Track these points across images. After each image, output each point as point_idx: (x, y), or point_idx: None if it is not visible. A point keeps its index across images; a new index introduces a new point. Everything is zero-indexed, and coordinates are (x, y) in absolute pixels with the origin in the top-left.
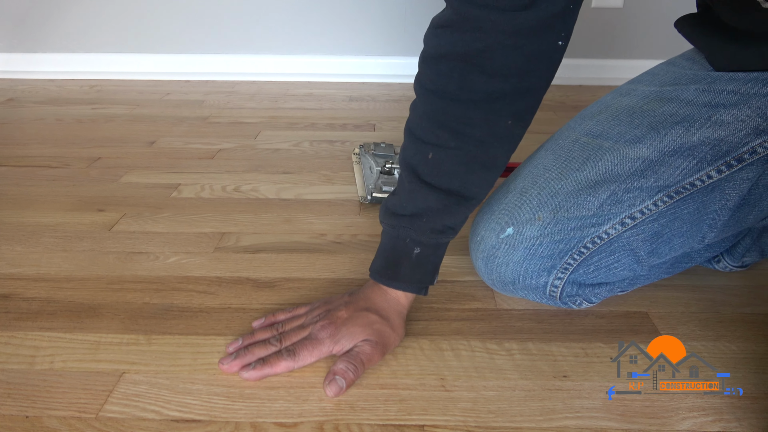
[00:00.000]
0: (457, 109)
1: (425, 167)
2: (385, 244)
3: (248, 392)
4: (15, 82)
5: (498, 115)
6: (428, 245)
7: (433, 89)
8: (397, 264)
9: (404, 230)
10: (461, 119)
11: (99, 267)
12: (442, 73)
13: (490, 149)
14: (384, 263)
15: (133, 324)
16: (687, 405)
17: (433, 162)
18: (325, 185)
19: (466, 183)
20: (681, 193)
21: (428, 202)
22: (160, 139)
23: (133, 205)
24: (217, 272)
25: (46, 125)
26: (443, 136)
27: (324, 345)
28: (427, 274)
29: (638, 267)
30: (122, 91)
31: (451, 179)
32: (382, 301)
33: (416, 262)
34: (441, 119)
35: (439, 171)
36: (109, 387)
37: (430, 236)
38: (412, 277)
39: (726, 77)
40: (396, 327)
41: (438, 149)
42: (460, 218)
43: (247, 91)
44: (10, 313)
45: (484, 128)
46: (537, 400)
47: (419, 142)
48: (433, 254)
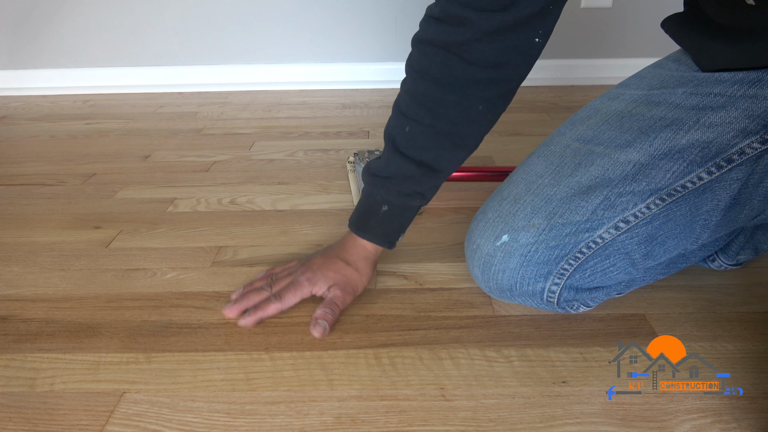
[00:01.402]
0: (435, 90)
1: (402, 138)
2: (362, 200)
3: (249, 408)
4: (8, 99)
5: (471, 100)
6: (396, 205)
7: (419, 70)
8: (367, 217)
9: (377, 189)
10: (438, 100)
11: (97, 285)
12: (427, 56)
13: (460, 129)
14: (357, 215)
15: (132, 342)
16: (686, 407)
17: (409, 135)
18: (321, 195)
19: (436, 157)
20: (673, 195)
21: (400, 169)
22: (154, 152)
23: (129, 221)
24: (215, 287)
25: (40, 142)
26: (420, 113)
27: (303, 287)
28: (391, 231)
29: (634, 270)
30: (115, 105)
31: (423, 152)
32: (351, 248)
33: (383, 218)
34: (420, 98)
35: (413, 143)
36: (110, 407)
37: (397, 197)
38: (377, 230)
39: (712, 79)
40: (362, 271)
41: (415, 124)
42: (428, 186)
43: (240, 101)
44: (9, 335)
45: (457, 110)
46: (537, 407)
47: (401, 116)
48: (400, 214)
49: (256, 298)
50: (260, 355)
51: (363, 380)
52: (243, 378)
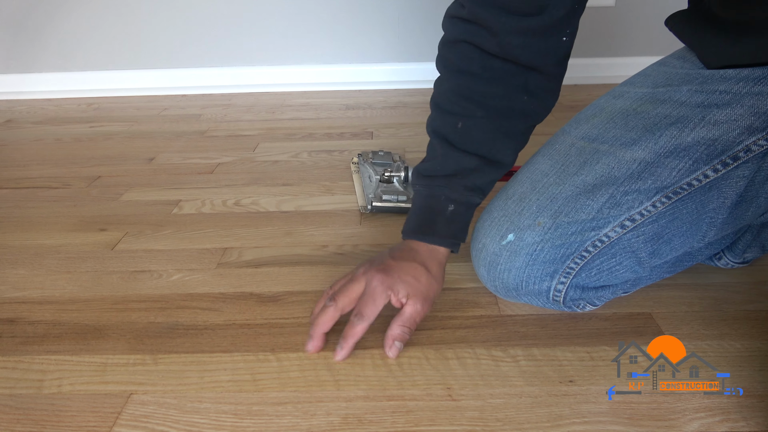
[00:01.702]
0: (480, 85)
1: (455, 135)
2: (419, 204)
3: (256, 409)
4: (12, 103)
5: (515, 91)
6: (461, 203)
7: (458, 68)
8: (432, 220)
9: (440, 189)
10: (485, 94)
11: (103, 287)
12: (464, 55)
13: (510, 120)
14: (419, 221)
15: (139, 344)
16: (694, 406)
17: (463, 130)
18: (325, 196)
19: (492, 149)
20: (679, 193)
21: (462, 164)
22: (159, 155)
23: (134, 223)
24: (220, 288)
25: (45, 145)
26: (470, 108)
27: (381, 294)
28: (460, 231)
29: (640, 268)
30: (120, 108)
31: (480, 145)
32: (425, 252)
33: (450, 218)
34: (466, 93)
35: (469, 138)
36: (117, 409)
37: (463, 194)
38: (447, 231)
39: (717, 76)
40: (438, 279)
41: (466, 119)
42: (489, 180)
43: (244, 103)
44: (17, 338)
45: (504, 102)
46: (544, 406)
47: (447, 114)
48: (465, 213)
49: (325, 320)
50: (266, 356)
51: (369, 380)
52: (249, 379)
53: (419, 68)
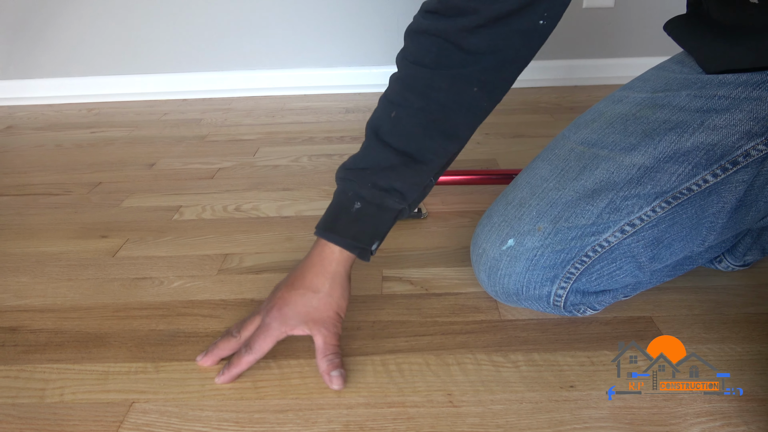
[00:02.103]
0: (427, 74)
1: (386, 125)
2: (332, 200)
3: (257, 416)
4: (13, 109)
5: (465, 81)
6: (370, 203)
7: (411, 59)
8: (336, 216)
9: (349, 183)
10: (429, 83)
11: (104, 295)
12: (421, 46)
13: (452, 115)
14: (326, 216)
15: (140, 352)
16: (694, 410)
17: (395, 121)
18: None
19: (421, 147)
20: (678, 198)
21: (378, 159)
22: (159, 160)
23: (135, 229)
24: (221, 295)
25: (46, 151)
26: (410, 98)
27: (273, 330)
28: (364, 234)
29: (640, 273)
30: (120, 113)
31: (408, 140)
32: (316, 269)
33: (355, 217)
34: (410, 82)
35: (398, 130)
36: (119, 417)
37: (372, 192)
38: (347, 231)
39: (716, 81)
40: (334, 294)
41: (402, 108)
42: (409, 182)
43: (243, 107)
44: (19, 346)
45: (450, 94)
46: (545, 411)
47: (387, 104)
48: (375, 215)
49: (224, 346)
50: (267, 363)
51: (370, 387)
52: (251, 386)
53: None
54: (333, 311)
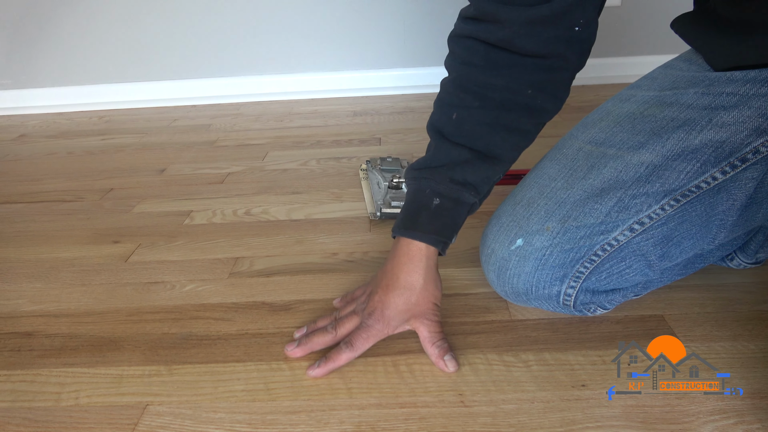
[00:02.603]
0: (481, 75)
1: (450, 127)
2: (407, 200)
3: (270, 418)
4: (26, 118)
5: (518, 83)
6: (448, 197)
7: (460, 61)
8: (416, 214)
9: (425, 181)
10: (484, 84)
11: (117, 299)
12: (468, 48)
13: (511, 113)
14: (404, 216)
15: (153, 355)
16: (707, 408)
17: (457, 122)
18: (335, 203)
19: (489, 143)
20: (687, 196)
21: (451, 156)
22: (170, 166)
23: (147, 234)
24: (232, 298)
25: (58, 159)
26: (467, 99)
27: (375, 331)
28: (445, 228)
29: (650, 271)
30: (130, 120)
31: (475, 139)
32: (407, 267)
33: (435, 213)
34: (465, 84)
35: (462, 130)
36: (134, 420)
37: (449, 186)
38: (429, 227)
39: (724, 78)
40: (428, 287)
41: (462, 110)
42: (482, 176)
43: (252, 112)
44: (34, 351)
45: (505, 94)
46: (557, 411)
47: (445, 106)
48: (453, 209)
49: (320, 341)
50: (279, 365)
51: (382, 388)
52: (263, 388)
53: (426, 73)
54: (431, 302)
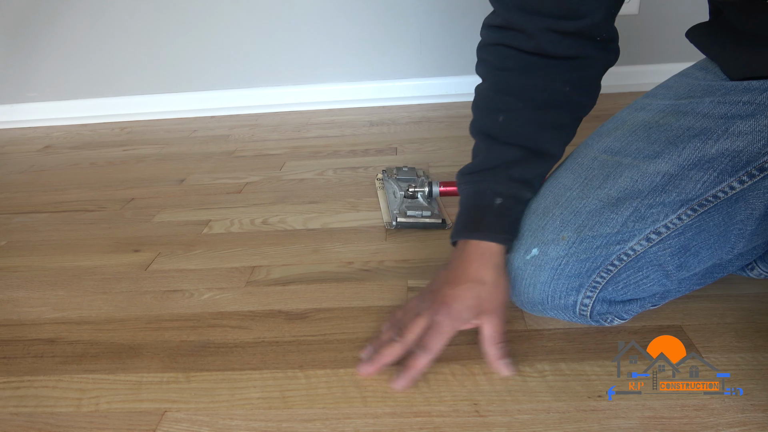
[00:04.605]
0: (518, 79)
1: (497, 129)
2: (466, 203)
3: (285, 426)
4: (51, 129)
5: (555, 83)
6: (509, 196)
7: (495, 67)
8: (480, 216)
9: (485, 183)
10: (523, 87)
11: (137, 307)
12: (501, 55)
13: (553, 111)
14: (466, 219)
15: (172, 362)
16: (727, 420)
17: (503, 124)
18: (351, 213)
19: (538, 140)
20: (704, 205)
21: (505, 156)
22: (189, 176)
23: (166, 243)
24: (249, 306)
25: (81, 169)
26: (509, 101)
27: (446, 326)
28: (510, 225)
29: (668, 281)
30: (151, 131)
31: (524, 137)
32: (475, 262)
33: (499, 212)
34: (505, 88)
35: (510, 130)
36: (152, 426)
37: (510, 185)
38: (496, 226)
39: (740, 87)
40: (498, 282)
41: (507, 112)
42: (537, 172)
43: (270, 122)
44: (57, 357)
45: (544, 94)
46: (572, 422)
47: (487, 111)
48: (514, 207)
49: (390, 353)
50: (295, 373)
51: (396, 397)
52: (279, 396)
53: (442, 83)
54: (501, 300)
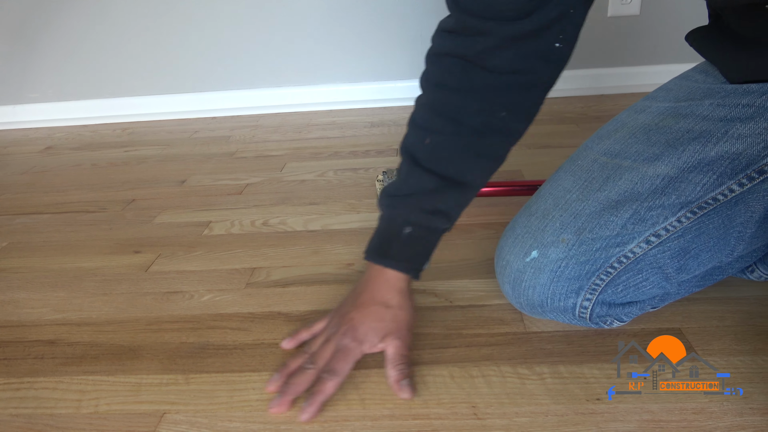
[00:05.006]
0: (455, 99)
1: (422, 152)
2: (380, 225)
3: (284, 428)
4: (52, 130)
5: (493, 106)
6: (420, 226)
7: (436, 82)
8: (389, 242)
9: (397, 210)
10: (459, 108)
11: (137, 309)
12: (444, 68)
13: (484, 138)
14: (377, 242)
15: (171, 364)
16: (725, 424)
17: (430, 147)
18: (351, 214)
19: (460, 169)
20: (704, 208)
21: (422, 184)
22: (190, 177)
23: (167, 245)
24: (249, 308)
25: (83, 170)
26: (441, 123)
27: (353, 350)
28: (417, 256)
29: (667, 284)
30: (153, 132)
31: (447, 164)
32: (381, 286)
33: (406, 242)
34: (440, 108)
35: (434, 156)
36: (151, 428)
37: (421, 216)
38: (401, 255)
39: (740, 90)
40: (404, 306)
41: (435, 135)
42: (452, 203)
43: (271, 123)
44: (57, 358)
45: (480, 118)
46: (570, 425)
47: (417, 129)
48: (425, 237)
49: (304, 382)
50: None
51: (395, 399)
52: None
53: None
54: (405, 323)
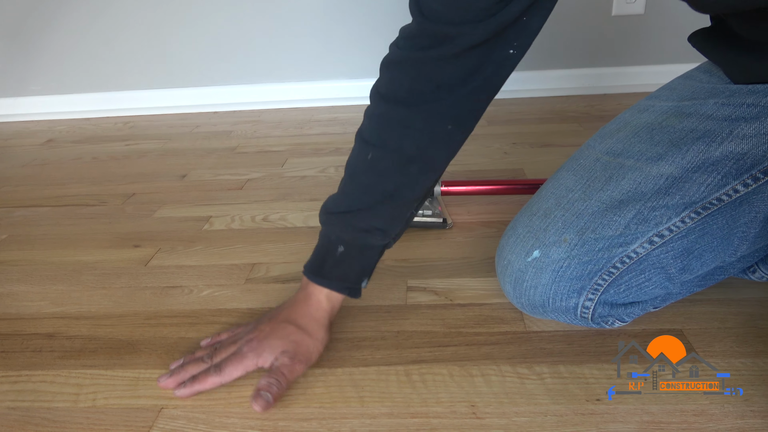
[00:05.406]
0: (402, 112)
1: (362, 166)
2: (318, 241)
3: (282, 425)
4: (54, 123)
5: (439, 120)
6: (353, 245)
7: (384, 93)
8: (323, 260)
9: (333, 227)
10: (404, 123)
11: (136, 303)
12: (394, 79)
13: (428, 152)
14: (313, 258)
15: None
16: (726, 426)
17: (371, 162)
18: None
19: (398, 185)
20: (708, 208)
21: (356, 201)
22: (191, 172)
23: (167, 239)
24: (248, 304)
25: (84, 164)
26: (385, 138)
27: (248, 359)
28: (351, 275)
29: (670, 284)
30: (154, 126)
31: (385, 180)
32: (303, 309)
33: (339, 260)
34: (386, 122)
35: (374, 171)
36: (149, 423)
37: (354, 234)
38: (332, 274)
39: (745, 90)
40: (314, 334)
41: (378, 150)
42: (389, 220)
43: (272, 119)
44: (55, 352)
45: (425, 132)
46: (570, 425)
47: (364, 144)
48: (359, 255)
49: (194, 370)
50: None
51: (394, 397)
52: None
53: None
54: (308, 350)
